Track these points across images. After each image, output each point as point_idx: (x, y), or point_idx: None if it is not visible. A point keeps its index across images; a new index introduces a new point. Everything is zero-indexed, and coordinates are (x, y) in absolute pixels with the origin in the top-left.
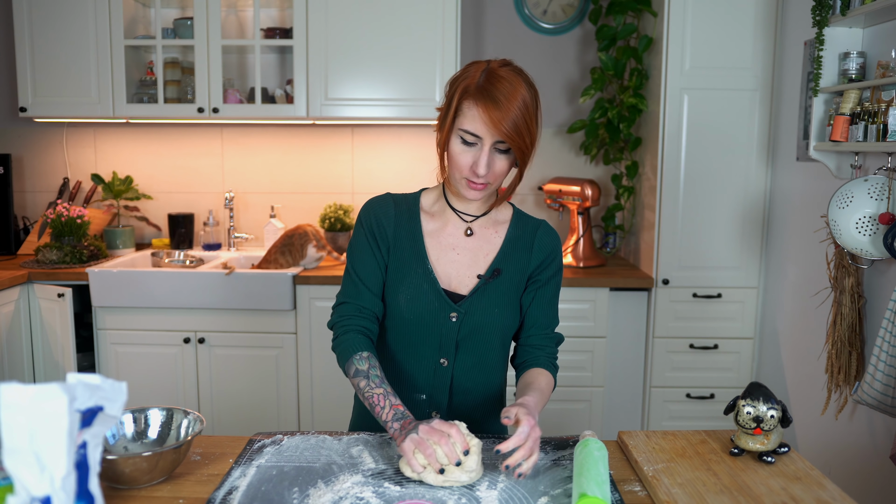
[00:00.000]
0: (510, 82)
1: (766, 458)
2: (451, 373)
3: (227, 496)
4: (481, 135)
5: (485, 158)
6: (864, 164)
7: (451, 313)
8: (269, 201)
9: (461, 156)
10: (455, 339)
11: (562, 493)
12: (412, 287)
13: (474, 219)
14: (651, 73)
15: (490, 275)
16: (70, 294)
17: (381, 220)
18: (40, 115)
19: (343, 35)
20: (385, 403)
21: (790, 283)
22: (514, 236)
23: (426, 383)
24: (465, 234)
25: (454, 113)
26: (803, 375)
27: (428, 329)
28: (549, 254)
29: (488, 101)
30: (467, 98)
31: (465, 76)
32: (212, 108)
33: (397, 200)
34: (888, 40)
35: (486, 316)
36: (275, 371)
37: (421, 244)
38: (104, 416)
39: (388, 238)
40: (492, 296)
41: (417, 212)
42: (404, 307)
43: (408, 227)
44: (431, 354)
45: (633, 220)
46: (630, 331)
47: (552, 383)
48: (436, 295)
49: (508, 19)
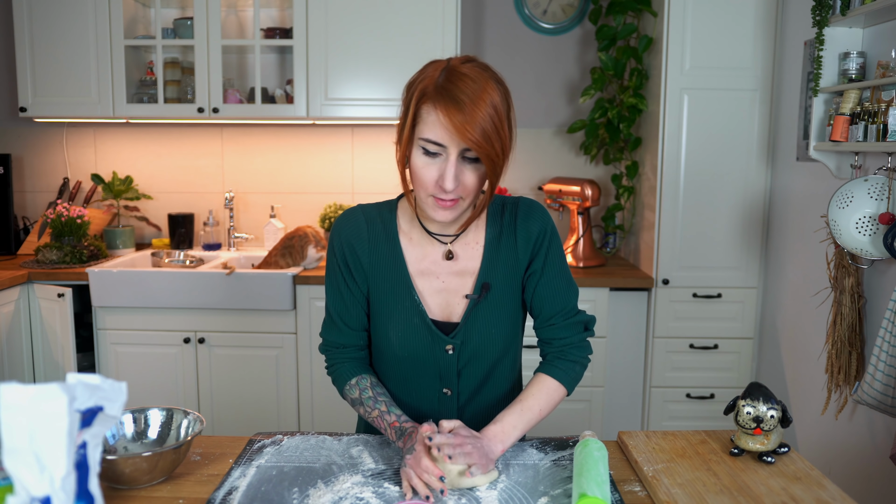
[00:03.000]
0: (475, 80)
1: (766, 458)
2: (456, 400)
3: (227, 496)
4: (445, 143)
5: (452, 170)
6: (864, 164)
7: (447, 346)
8: (269, 201)
9: (424, 169)
10: (455, 368)
11: (562, 493)
12: (403, 322)
13: (454, 238)
14: (651, 73)
15: (479, 294)
16: (70, 294)
17: (354, 246)
18: (40, 115)
19: (343, 35)
20: (384, 425)
21: (790, 283)
22: (495, 238)
23: (431, 412)
24: (445, 258)
25: (412, 120)
26: (803, 375)
27: (425, 365)
28: (536, 238)
29: (450, 104)
30: (426, 101)
31: (422, 77)
32: (212, 108)
33: (370, 218)
34: (888, 40)
35: (484, 338)
36: (275, 371)
37: (405, 273)
38: (104, 416)
39: (362, 266)
40: (486, 313)
41: (395, 233)
42: (397, 345)
43: (387, 252)
44: (432, 385)
45: (633, 220)
46: (630, 331)
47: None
48: (427, 329)
49: (508, 19)
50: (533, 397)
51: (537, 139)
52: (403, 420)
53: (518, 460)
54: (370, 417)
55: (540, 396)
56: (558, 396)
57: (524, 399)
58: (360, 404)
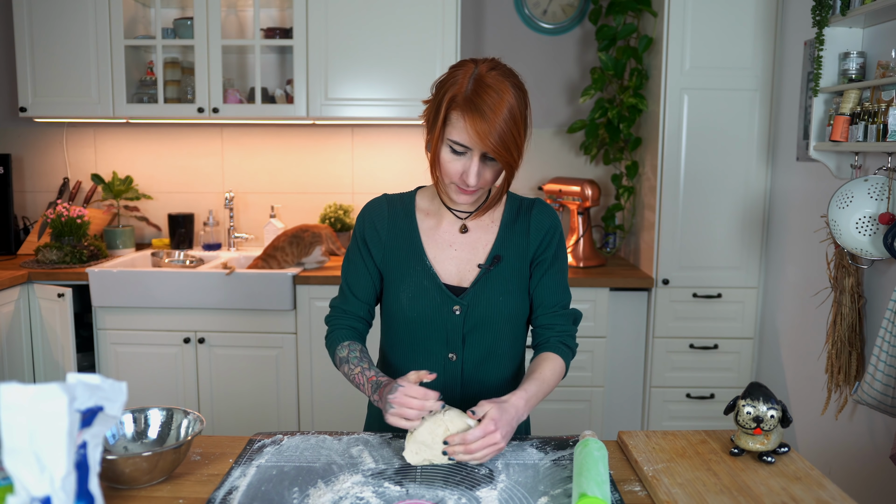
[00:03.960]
0: (496, 91)
1: (766, 458)
2: (460, 367)
3: (227, 496)
4: (470, 146)
5: (475, 168)
6: (864, 164)
7: (455, 307)
8: (269, 201)
9: (451, 164)
10: (461, 332)
11: (562, 493)
12: (413, 285)
13: (468, 215)
14: (651, 73)
15: (490, 263)
16: (70, 294)
17: (375, 223)
18: (40, 115)
19: (343, 35)
20: (363, 380)
21: (790, 283)
22: (510, 221)
23: (437, 380)
24: (460, 231)
25: (443, 121)
26: (803, 375)
27: (433, 325)
28: (546, 231)
29: (475, 114)
30: (455, 108)
31: (452, 82)
32: (212, 108)
33: (391, 201)
34: (888, 40)
35: (490, 306)
36: (275, 371)
37: (418, 242)
38: (104, 416)
39: (381, 241)
40: (495, 284)
41: (413, 211)
42: (407, 306)
43: (404, 227)
44: (439, 350)
45: (633, 220)
46: (630, 331)
47: (559, 367)
48: (437, 290)
49: (508, 19)
50: (548, 370)
51: (537, 139)
52: (381, 376)
53: (518, 460)
54: (352, 374)
55: (552, 371)
56: (560, 375)
57: (537, 370)
58: (346, 362)
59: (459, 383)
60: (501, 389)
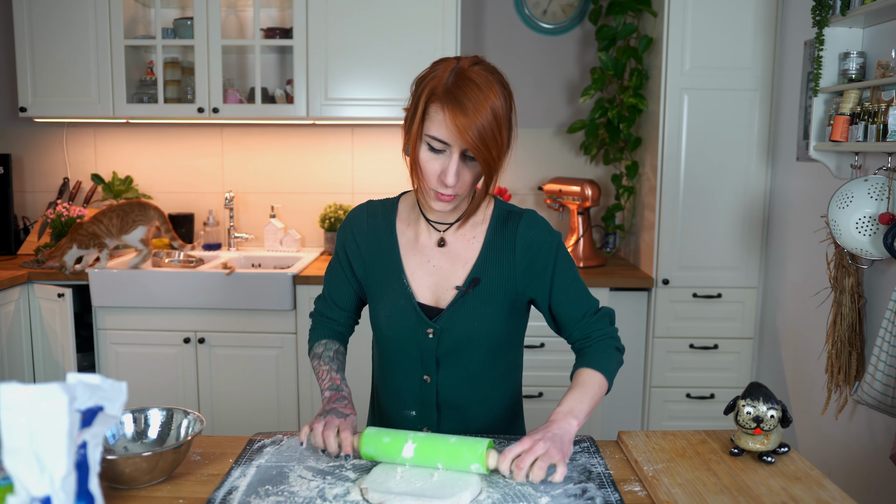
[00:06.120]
0: (479, 86)
1: (766, 458)
2: (435, 389)
3: (227, 496)
4: (449, 142)
5: (454, 167)
6: (864, 164)
7: (428, 329)
8: (269, 201)
9: (429, 163)
10: (434, 355)
11: (562, 493)
12: (390, 304)
13: (447, 227)
14: (651, 73)
15: (468, 285)
16: (70, 294)
17: (356, 235)
18: (40, 115)
19: (343, 35)
20: (326, 376)
21: (790, 283)
22: (494, 238)
23: (414, 400)
24: (437, 245)
25: (421, 116)
26: (803, 375)
27: (407, 346)
28: (536, 247)
29: (455, 106)
30: (434, 101)
31: (432, 75)
32: (212, 108)
33: (373, 211)
34: (888, 40)
35: (466, 331)
36: (275, 371)
37: (397, 257)
38: (104, 416)
39: (361, 254)
40: (472, 307)
41: (393, 221)
42: (384, 325)
43: (384, 239)
44: (414, 371)
45: (633, 220)
46: (630, 331)
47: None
48: (412, 311)
49: (508, 19)
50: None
51: (537, 139)
52: (344, 384)
53: None
54: (320, 370)
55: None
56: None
57: (578, 383)
58: (318, 357)
59: (435, 405)
60: (483, 414)
